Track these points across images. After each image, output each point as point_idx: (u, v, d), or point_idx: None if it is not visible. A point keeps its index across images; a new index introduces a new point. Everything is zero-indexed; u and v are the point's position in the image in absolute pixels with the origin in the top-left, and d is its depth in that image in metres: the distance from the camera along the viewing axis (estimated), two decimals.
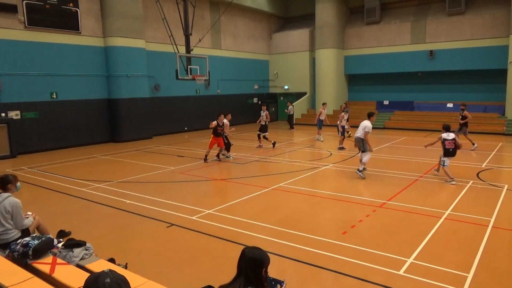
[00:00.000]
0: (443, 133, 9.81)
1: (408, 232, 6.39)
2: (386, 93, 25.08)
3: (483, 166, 11.48)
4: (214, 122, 12.75)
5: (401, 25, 23.44)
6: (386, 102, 24.56)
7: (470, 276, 4.80)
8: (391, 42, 23.83)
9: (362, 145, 10.42)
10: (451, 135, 9.74)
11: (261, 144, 15.94)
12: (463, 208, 7.51)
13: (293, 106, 23.36)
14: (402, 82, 24.49)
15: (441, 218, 6.97)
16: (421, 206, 7.69)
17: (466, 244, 5.82)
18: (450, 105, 22.27)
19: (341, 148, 14.99)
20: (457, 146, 9.69)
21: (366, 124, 10.28)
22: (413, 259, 5.30)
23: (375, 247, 5.75)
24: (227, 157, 13.40)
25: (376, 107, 24.59)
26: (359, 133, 10.41)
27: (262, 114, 16.20)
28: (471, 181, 9.60)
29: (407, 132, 20.39)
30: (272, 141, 15.84)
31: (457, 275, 4.84)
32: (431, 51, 22.29)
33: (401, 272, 4.95)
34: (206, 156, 13.00)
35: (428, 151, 14.31)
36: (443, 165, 9.78)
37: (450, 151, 9.68)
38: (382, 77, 25.08)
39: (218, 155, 13.31)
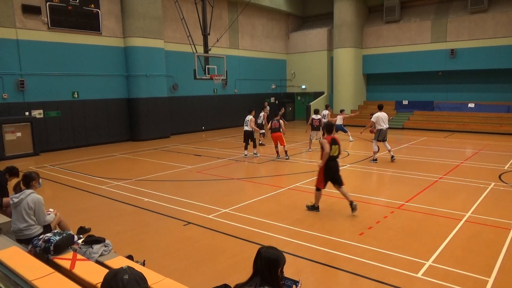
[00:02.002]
0: (313, 114, 14.25)
1: (427, 234, 6.28)
2: (405, 92, 24.65)
3: (505, 168, 11.19)
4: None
5: (421, 23, 23.01)
6: (405, 102, 24.14)
7: (491, 281, 4.69)
8: (411, 41, 23.43)
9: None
10: (318, 116, 14.04)
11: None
12: (484, 211, 7.33)
13: (268, 107, 19.76)
14: (421, 82, 24.03)
15: (461, 220, 6.83)
16: (440, 208, 7.55)
17: (487, 248, 5.68)
18: (471, 105, 21.76)
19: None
20: (320, 124, 13.76)
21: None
22: (432, 262, 5.21)
23: (392, 249, 5.68)
24: (254, 154, 13.72)
25: (395, 107, 24.20)
26: (387, 124, 12.24)
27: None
28: (493, 183, 9.36)
29: (427, 132, 20.01)
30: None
31: (478, 279, 4.74)
32: (452, 50, 21.82)
33: (419, 275, 4.88)
34: (286, 152, 13.00)
35: (449, 152, 14.07)
36: (311, 138, 14.38)
37: (315, 127, 14.04)
38: (401, 77, 24.68)
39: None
